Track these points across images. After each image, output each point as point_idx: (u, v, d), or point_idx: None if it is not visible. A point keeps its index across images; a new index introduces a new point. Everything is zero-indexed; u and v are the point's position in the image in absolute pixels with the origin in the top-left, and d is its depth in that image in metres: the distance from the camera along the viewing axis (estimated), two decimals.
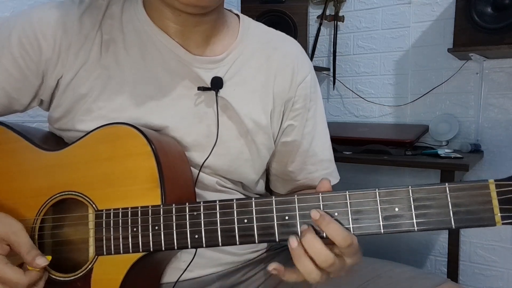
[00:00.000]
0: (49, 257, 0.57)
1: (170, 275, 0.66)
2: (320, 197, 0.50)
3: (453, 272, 1.60)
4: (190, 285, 0.68)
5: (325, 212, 0.50)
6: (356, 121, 1.97)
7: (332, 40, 1.97)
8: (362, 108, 1.96)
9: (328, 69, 2.00)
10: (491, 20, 1.47)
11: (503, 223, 0.46)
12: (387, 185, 0.50)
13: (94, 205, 0.59)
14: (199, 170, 0.67)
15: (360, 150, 1.59)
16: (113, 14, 0.67)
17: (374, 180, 1.93)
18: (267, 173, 0.81)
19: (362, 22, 1.93)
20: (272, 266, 0.51)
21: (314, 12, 2.01)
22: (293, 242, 0.50)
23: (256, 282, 0.74)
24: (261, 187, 0.79)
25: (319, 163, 0.77)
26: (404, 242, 1.88)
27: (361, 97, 1.95)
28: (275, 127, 0.73)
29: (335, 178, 0.80)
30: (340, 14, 1.96)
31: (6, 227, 0.57)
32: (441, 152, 1.49)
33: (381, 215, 0.49)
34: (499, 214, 0.46)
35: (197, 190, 0.67)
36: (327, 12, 1.97)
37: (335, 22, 1.95)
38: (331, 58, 1.98)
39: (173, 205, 0.55)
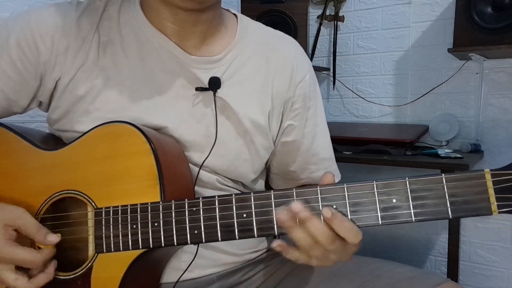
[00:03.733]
0: (59, 235, 0.58)
1: (169, 275, 0.66)
2: (318, 190, 0.51)
3: (453, 272, 1.60)
4: (190, 285, 0.68)
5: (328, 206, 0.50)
6: (356, 121, 1.97)
7: (332, 40, 1.97)
8: (362, 108, 1.96)
9: (328, 69, 2.00)
10: (491, 20, 1.47)
11: (499, 212, 0.46)
12: None
13: (93, 204, 0.59)
14: (199, 169, 0.67)
15: (360, 150, 1.59)
16: (111, 16, 0.67)
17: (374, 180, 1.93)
18: (268, 171, 0.81)
19: (362, 22, 1.93)
20: (277, 243, 0.52)
21: (314, 12, 2.02)
22: (282, 215, 0.50)
23: (256, 282, 0.74)
24: (260, 184, 0.79)
25: (321, 162, 0.77)
26: (404, 242, 1.88)
27: (361, 97, 1.95)
28: (274, 128, 0.73)
29: (336, 177, 0.80)
30: (340, 14, 1.96)
31: (8, 213, 0.57)
32: (441, 152, 1.49)
33: (379, 207, 0.49)
34: (495, 203, 0.46)
35: (197, 188, 0.67)
36: (327, 12, 1.97)
37: (335, 22, 1.96)
38: (331, 58, 1.98)
39: (172, 201, 0.55)
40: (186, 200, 0.54)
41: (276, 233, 0.52)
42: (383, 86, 1.90)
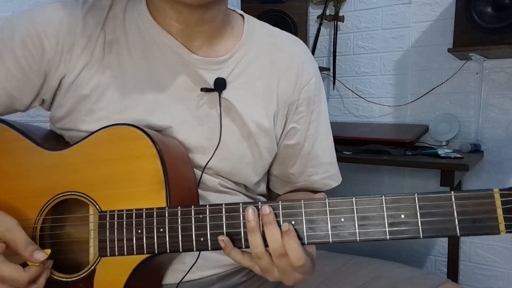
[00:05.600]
0: (48, 251, 0.56)
1: (171, 277, 0.66)
2: (327, 203, 0.51)
3: (453, 272, 1.61)
4: (190, 286, 0.67)
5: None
6: (356, 121, 1.97)
7: (332, 40, 1.97)
8: (362, 108, 1.96)
9: (328, 69, 2.00)
10: (491, 20, 1.47)
11: (507, 232, 0.46)
12: (387, 185, 0.51)
13: (97, 206, 0.59)
14: (202, 172, 0.67)
15: (360, 150, 1.59)
16: (116, 14, 0.67)
17: (374, 180, 1.93)
18: (267, 173, 0.81)
19: (362, 22, 1.93)
20: (221, 237, 0.52)
21: (314, 12, 2.02)
22: (251, 213, 0.51)
23: (256, 283, 0.74)
24: (262, 188, 0.79)
25: (320, 166, 0.77)
26: (404, 242, 1.88)
27: (361, 97, 1.95)
28: (278, 130, 0.73)
29: (335, 181, 0.79)
30: (340, 14, 1.96)
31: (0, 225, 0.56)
32: (441, 152, 1.49)
33: (387, 222, 0.49)
34: (503, 223, 0.46)
35: (199, 191, 0.67)
36: (327, 12, 1.97)
37: (335, 22, 1.96)
38: (331, 58, 1.98)
39: (179, 207, 0.54)
40: (192, 206, 0.54)
41: None
42: (383, 86, 1.90)
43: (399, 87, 1.87)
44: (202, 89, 0.65)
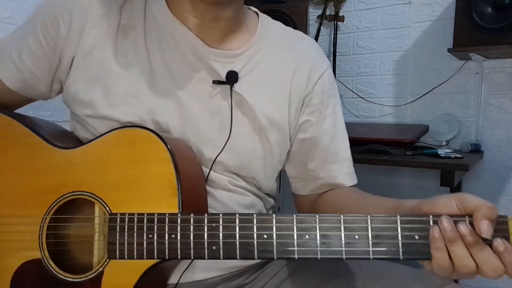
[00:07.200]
0: None
1: (176, 278, 0.66)
2: (342, 219, 0.50)
3: None
4: (194, 287, 0.68)
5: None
6: (356, 121, 1.98)
7: (332, 40, 1.97)
8: (362, 108, 1.96)
9: None
10: (491, 20, 1.47)
11: None
12: (387, 185, 0.51)
13: (107, 208, 0.58)
14: (210, 169, 0.67)
15: (360, 150, 1.59)
16: (134, 2, 0.68)
17: (374, 180, 1.93)
18: (287, 177, 0.81)
19: (362, 22, 1.93)
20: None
21: (314, 12, 2.02)
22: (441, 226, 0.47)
23: (258, 284, 0.74)
24: (273, 188, 0.79)
25: (341, 162, 0.77)
26: None
27: (361, 97, 1.95)
28: (292, 124, 0.73)
29: (355, 180, 0.80)
30: (340, 14, 1.96)
31: None
32: (441, 152, 1.49)
33: (401, 241, 0.49)
34: None
35: (208, 188, 0.66)
36: (327, 12, 1.97)
37: (335, 22, 1.96)
38: (331, 58, 1.98)
39: (191, 214, 0.54)
40: (205, 215, 0.53)
41: (296, 258, 0.51)
42: (383, 86, 1.91)
43: (399, 87, 1.87)
44: (214, 82, 0.66)
